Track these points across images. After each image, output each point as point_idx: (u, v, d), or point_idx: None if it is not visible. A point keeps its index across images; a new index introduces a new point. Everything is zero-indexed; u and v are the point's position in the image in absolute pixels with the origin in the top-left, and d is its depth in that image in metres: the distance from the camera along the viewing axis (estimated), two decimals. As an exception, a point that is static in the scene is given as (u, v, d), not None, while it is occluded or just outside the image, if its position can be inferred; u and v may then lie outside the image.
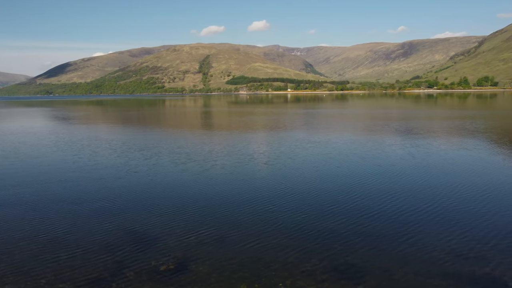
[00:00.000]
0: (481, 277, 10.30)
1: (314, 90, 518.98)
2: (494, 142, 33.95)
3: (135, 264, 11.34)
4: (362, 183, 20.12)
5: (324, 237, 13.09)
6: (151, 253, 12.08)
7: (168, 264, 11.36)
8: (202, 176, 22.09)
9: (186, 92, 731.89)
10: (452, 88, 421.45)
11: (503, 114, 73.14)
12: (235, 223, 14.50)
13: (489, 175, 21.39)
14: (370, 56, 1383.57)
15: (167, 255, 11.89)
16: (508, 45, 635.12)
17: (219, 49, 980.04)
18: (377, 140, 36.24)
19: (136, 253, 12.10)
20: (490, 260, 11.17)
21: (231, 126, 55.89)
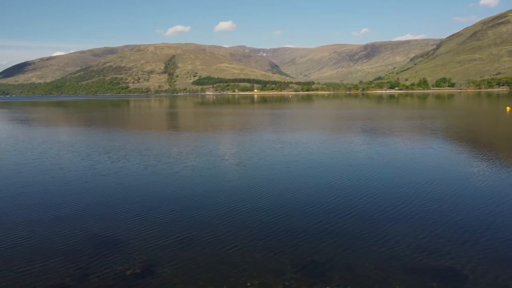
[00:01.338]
0: (442, 270, 10.72)
1: (280, 90, 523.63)
2: (456, 141, 35.46)
3: (99, 270, 11.02)
4: (330, 183, 20.47)
5: (292, 236, 13.21)
6: (116, 257, 11.79)
7: (134, 268, 11.12)
8: (172, 179, 21.75)
9: (151, 92, 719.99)
10: (413, 88, 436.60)
11: (461, 114, 76.49)
12: (203, 225, 14.38)
13: (451, 173, 22.31)
14: (334, 58, 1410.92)
15: (133, 259, 11.64)
16: (463, 47, 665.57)
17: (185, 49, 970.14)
18: (346, 140, 36.98)
19: (101, 258, 11.77)
20: (450, 254, 11.63)
21: (199, 127, 55.50)
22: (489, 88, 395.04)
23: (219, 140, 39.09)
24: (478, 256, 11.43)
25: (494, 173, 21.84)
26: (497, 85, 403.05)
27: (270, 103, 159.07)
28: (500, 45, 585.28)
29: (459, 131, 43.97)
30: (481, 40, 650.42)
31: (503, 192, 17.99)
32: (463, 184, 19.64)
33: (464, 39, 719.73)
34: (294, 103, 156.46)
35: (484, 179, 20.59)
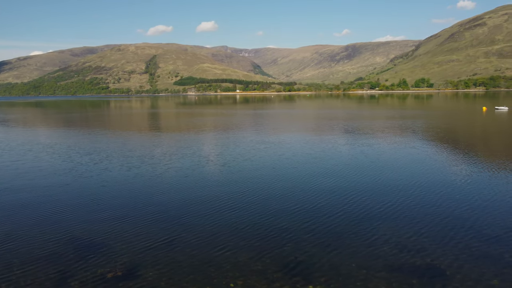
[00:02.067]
0: (423, 268, 10.95)
1: (263, 91, 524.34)
2: (436, 141, 36.20)
3: (79, 273, 10.86)
4: (314, 183, 20.65)
5: (275, 237, 13.28)
6: (97, 260, 11.63)
7: (116, 270, 10.99)
8: (157, 181, 21.53)
9: (132, 93, 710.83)
10: (393, 89, 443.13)
11: (440, 114, 78.08)
12: (186, 227, 14.32)
13: (433, 173, 22.79)
14: (316, 58, 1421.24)
15: (114, 262, 11.51)
16: (441, 49, 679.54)
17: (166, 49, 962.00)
18: (329, 140, 37.32)
19: (81, 261, 11.60)
20: (431, 252, 11.90)
21: (182, 128, 55.08)
22: (466, 88, 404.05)
23: (203, 140, 38.93)
24: (458, 254, 11.71)
25: (473, 172, 22.40)
26: (473, 85, 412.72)
27: (253, 103, 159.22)
28: (476, 47, 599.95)
29: (439, 131, 44.88)
30: (458, 41, 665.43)
31: (484, 191, 18.47)
32: (444, 183, 20.07)
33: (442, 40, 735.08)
34: (277, 103, 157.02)
35: (464, 178, 21.10)
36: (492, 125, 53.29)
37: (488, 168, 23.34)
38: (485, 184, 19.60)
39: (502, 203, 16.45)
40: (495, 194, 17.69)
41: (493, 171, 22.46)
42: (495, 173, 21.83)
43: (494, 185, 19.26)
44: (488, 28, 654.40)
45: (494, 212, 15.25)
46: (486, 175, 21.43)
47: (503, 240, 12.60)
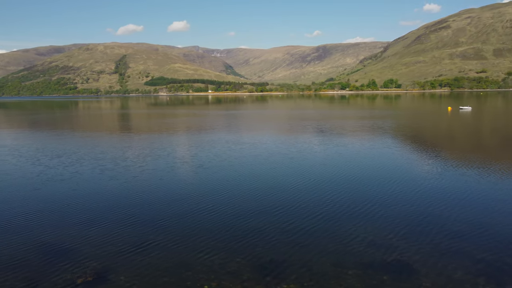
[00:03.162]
0: (393, 264, 11.29)
1: (235, 91, 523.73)
2: (405, 140, 37.25)
3: (48, 279, 10.56)
4: (288, 183, 20.84)
5: (249, 237, 13.34)
6: (67, 266, 11.35)
7: (86, 276, 10.76)
8: (131, 183, 21.11)
9: (102, 93, 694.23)
10: (362, 89, 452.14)
11: (408, 114, 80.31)
12: (159, 229, 14.18)
13: (401, 171, 23.46)
14: (287, 59, 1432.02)
15: (84, 267, 11.26)
16: (409, 50, 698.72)
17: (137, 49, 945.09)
18: (304, 140, 37.71)
19: (50, 267, 11.28)
20: (401, 248, 12.27)
21: (155, 128, 54.27)
22: (432, 89, 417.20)
23: (177, 142, 38.55)
24: (426, 249, 12.13)
25: (440, 171, 23.22)
26: (439, 86, 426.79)
27: (225, 103, 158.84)
28: (442, 49, 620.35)
29: (408, 130, 46.21)
30: (424, 43, 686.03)
31: (450, 188, 19.18)
32: (413, 181, 20.71)
33: (409, 42, 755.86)
34: (249, 103, 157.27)
35: (432, 176, 21.85)
36: (458, 124, 55.31)
37: (454, 166, 24.25)
38: (451, 181, 20.37)
39: (467, 200, 17.14)
40: (461, 191, 18.40)
41: (459, 169, 23.35)
42: (461, 171, 22.70)
43: (460, 183, 20.03)
44: (452, 31, 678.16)
45: (460, 209, 15.87)
46: (452, 173, 22.27)
47: (468, 235, 13.15)
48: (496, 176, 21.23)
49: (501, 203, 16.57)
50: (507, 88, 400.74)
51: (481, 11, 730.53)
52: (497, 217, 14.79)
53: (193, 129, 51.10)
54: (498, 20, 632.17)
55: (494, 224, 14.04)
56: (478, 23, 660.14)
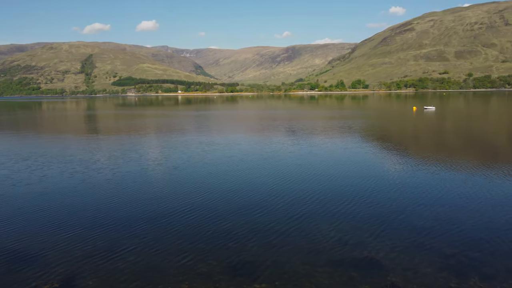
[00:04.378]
0: (362, 260, 11.55)
1: (205, 92, 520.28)
2: (372, 140, 38.16)
3: (13, 287, 10.24)
4: (261, 183, 20.90)
5: (220, 238, 13.30)
6: (31, 273, 10.94)
7: (52, 282, 10.41)
8: (104, 186, 20.48)
9: (67, 93, 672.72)
10: (331, 90, 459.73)
11: (376, 114, 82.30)
12: (129, 232, 13.91)
13: (368, 170, 24.02)
14: (257, 59, 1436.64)
15: (50, 273, 10.90)
16: (375, 52, 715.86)
17: (103, 48, 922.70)
18: (278, 140, 37.88)
19: (14, 275, 10.85)
20: (369, 245, 12.57)
21: (125, 130, 53.06)
22: (398, 89, 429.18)
23: (149, 143, 37.85)
24: (393, 245, 12.49)
25: (407, 169, 23.96)
26: (404, 86, 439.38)
27: (195, 104, 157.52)
28: (406, 50, 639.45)
29: (377, 130, 47.40)
30: (390, 45, 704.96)
31: (415, 185, 19.82)
32: (382, 180, 21.26)
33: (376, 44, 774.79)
34: (220, 104, 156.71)
35: (398, 174, 22.53)
36: (423, 124, 57.17)
37: (421, 164, 25.10)
38: (418, 179, 21.07)
39: (433, 197, 17.76)
40: (427, 189, 19.05)
41: (426, 167, 24.18)
42: (427, 169, 23.51)
43: (427, 181, 20.75)
44: (416, 33, 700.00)
45: (425, 205, 16.43)
46: (419, 171, 23.04)
47: (434, 231, 13.64)
48: (460, 174, 22.13)
49: (465, 199, 17.28)
50: (468, 88, 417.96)
51: (443, 14, 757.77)
52: (462, 213, 15.41)
53: (164, 130, 50.45)
54: (459, 23, 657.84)
55: (459, 220, 14.64)
56: (441, 26, 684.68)
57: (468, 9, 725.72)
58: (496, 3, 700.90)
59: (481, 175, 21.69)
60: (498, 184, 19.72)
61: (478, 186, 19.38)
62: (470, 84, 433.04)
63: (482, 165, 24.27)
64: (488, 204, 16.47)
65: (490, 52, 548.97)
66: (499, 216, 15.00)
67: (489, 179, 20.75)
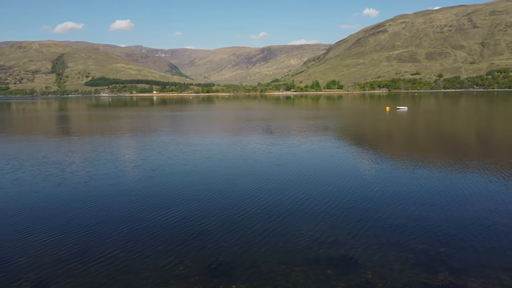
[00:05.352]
0: (336, 258, 11.74)
1: (181, 92, 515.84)
2: (346, 139, 38.77)
3: (-21, 295, 9.90)
4: (238, 183, 20.90)
5: (196, 239, 13.25)
6: (1, 280, 10.65)
7: (23, 288, 10.18)
8: (80, 189, 19.96)
9: (37, 94, 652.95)
10: (307, 90, 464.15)
11: (350, 114, 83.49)
12: (102, 235, 13.68)
13: (343, 169, 24.41)
14: (233, 60, 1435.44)
15: (20, 279, 10.62)
16: (349, 53, 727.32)
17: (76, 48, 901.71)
18: (257, 140, 37.97)
19: (-20, 281, 10.52)
20: (344, 243, 12.79)
21: (99, 131, 51.81)
22: (371, 90, 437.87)
23: (126, 144, 37.13)
24: (367, 243, 12.75)
25: (380, 168, 24.49)
26: (378, 87, 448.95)
27: (171, 105, 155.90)
28: (380, 52, 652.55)
29: (352, 130, 48.16)
30: (364, 46, 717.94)
31: (388, 183, 20.28)
32: (357, 179, 21.64)
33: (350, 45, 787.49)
34: (196, 104, 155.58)
35: (372, 173, 22.99)
36: (396, 123, 58.47)
37: (394, 163, 25.69)
38: (390, 178, 21.55)
39: (404, 194, 18.22)
40: (398, 186, 19.52)
41: (399, 166, 24.77)
42: (400, 168, 24.09)
43: (398, 178, 21.25)
44: (389, 35, 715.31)
45: (398, 203, 16.84)
46: (391, 170, 23.58)
47: (405, 228, 14.01)
48: (431, 172, 22.78)
49: (436, 197, 17.79)
50: (438, 89, 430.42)
51: (414, 16, 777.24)
52: (433, 211, 15.87)
53: (140, 131, 49.70)
54: (429, 25, 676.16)
55: (430, 217, 15.07)
56: (412, 28, 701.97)
57: (438, 12, 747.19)
58: (464, 7, 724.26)
59: (451, 173, 22.39)
60: (466, 181, 20.41)
61: (448, 183, 20.00)
62: (441, 85, 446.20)
63: (452, 164, 25.06)
64: (457, 201, 17.02)
65: (459, 54, 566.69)
66: (468, 212, 15.53)
67: (458, 176, 21.45)
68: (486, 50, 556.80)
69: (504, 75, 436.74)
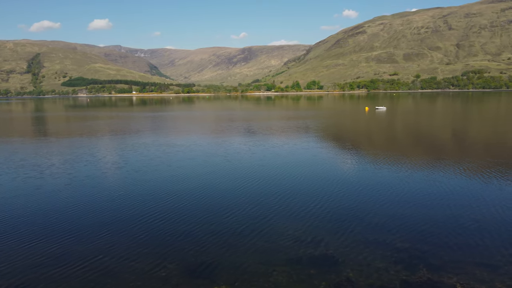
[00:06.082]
0: (317, 257, 11.84)
1: (161, 92, 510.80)
2: (328, 139, 39.15)
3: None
4: (220, 184, 20.83)
5: (177, 241, 13.16)
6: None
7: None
8: (61, 192, 19.48)
9: (12, 94, 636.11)
10: (287, 90, 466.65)
11: (330, 114, 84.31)
12: (81, 238, 13.43)
13: (324, 169, 24.61)
14: (213, 60, 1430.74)
15: (-4, 285, 10.35)
16: (329, 53, 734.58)
17: (52, 47, 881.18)
18: (240, 141, 37.91)
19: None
20: (326, 242, 12.90)
21: (78, 132, 50.56)
22: (351, 90, 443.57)
23: (107, 146, 36.45)
24: (350, 242, 12.90)
25: (361, 167, 24.83)
26: (357, 87, 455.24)
27: (151, 105, 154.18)
28: (359, 52, 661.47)
29: (333, 130, 48.66)
30: (343, 47, 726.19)
31: (368, 182, 20.58)
32: (337, 178, 21.86)
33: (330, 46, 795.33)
34: (176, 105, 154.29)
35: (353, 173, 23.29)
36: (375, 123, 59.33)
37: (372, 162, 26.09)
38: (369, 177, 21.86)
39: (384, 192, 18.52)
40: (378, 185, 19.84)
41: (377, 165, 25.16)
42: (378, 167, 24.47)
43: (377, 177, 21.58)
44: (368, 36, 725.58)
45: (377, 202, 17.10)
46: (371, 169, 23.93)
47: (385, 226, 14.25)
48: (410, 171, 23.22)
49: (414, 194, 18.16)
50: (416, 89, 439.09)
51: (392, 18, 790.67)
52: (411, 208, 16.18)
53: (121, 132, 48.96)
54: (407, 27, 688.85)
55: (409, 215, 15.37)
56: (390, 29, 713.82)
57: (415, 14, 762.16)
58: (440, 9, 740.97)
59: (428, 172, 22.89)
60: (444, 180, 20.89)
61: (427, 182, 20.44)
62: (418, 85, 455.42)
63: (429, 163, 25.63)
64: (435, 199, 17.41)
65: (435, 55, 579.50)
66: (445, 210, 15.90)
67: (436, 175, 21.94)
68: (461, 52, 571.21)
69: (479, 76, 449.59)
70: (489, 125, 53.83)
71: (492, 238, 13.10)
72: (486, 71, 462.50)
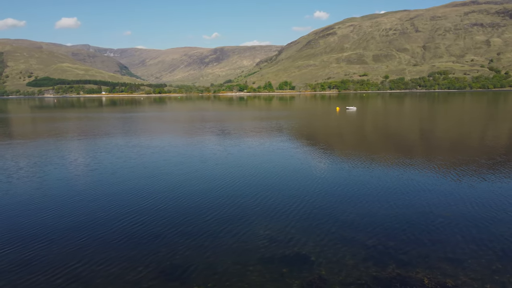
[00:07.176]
0: (290, 256, 11.96)
1: (131, 93, 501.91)
2: (299, 139, 39.53)
3: None
4: (195, 185, 20.65)
5: (149, 243, 13.01)
6: None
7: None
8: (31, 196, 18.83)
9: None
10: (259, 91, 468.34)
11: (303, 114, 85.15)
12: (50, 243, 13.07)
13: (296, 168, 24.85)
14: (185, 60, 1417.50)
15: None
16: (301, 54, 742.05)
17: (16, 46, 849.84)
18: (214, 142, 37.75)
19: None
20: (298, 241, 13.06)
21: (46, 134, 48.75)
22: (322, 90, 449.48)
23: (78, 148, 35.36)
24: (320, 240, 13.11)
25: (332, 166, 25.26)
26: (328, 88, 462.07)
27: (121, 106, 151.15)
28: (329, 53, 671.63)
29: (305, 130, 49.14)
30: (314, 48, 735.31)
31: (340, 181, 20.98)
32: (309, 177, 22.12)
33: (301, 46, 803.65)
34: (148, 106, 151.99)
35: (325, 172, 23.67)
36: (345, 123, 60.42)
37: (343, 161, 26.59)
38: (341, 176, 22.26)
39: (354, 191, 18.91)
40: (349, 184, 20.23)
41: (348, 163, 25.64)
42: (349, 165, 24.95)
43: (348, 177, 22.00)
44: (338, 37, 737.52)
45: (349, 200, 17.44)
46: (342, 168, 24.38)
47: (356, 224, 14.57)
48: (379, 169, 23.80)
49: (383, 192, 18.63)
50: (385, 90, 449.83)
51: (362, 20, 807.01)
52: (380, 206, 16.58)
53: (91, 133, 47.71)
54: (376, 29, 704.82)
55: (378, 213, 15.76)
56: (360, 31, 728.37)
57: (384, 16, 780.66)
58: (407, 11, 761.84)
59: (397, 170, 23.54)
60: (412, 178, 21.54)
61: (395, 180, 21.01)
62: (387, 86, 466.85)
63: (398, 161, 26.36)
64: (403, 197, 17.91)
65: (403, 56, 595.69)
66: (413, 207, 16.40)
67: (404, 174, 22.60)
68: (427, 53, 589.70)
69: (444, 76, 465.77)
70: (455, 124, 55.86)
71: (461, 233, 13.62)
72: (451, 72, 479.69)
